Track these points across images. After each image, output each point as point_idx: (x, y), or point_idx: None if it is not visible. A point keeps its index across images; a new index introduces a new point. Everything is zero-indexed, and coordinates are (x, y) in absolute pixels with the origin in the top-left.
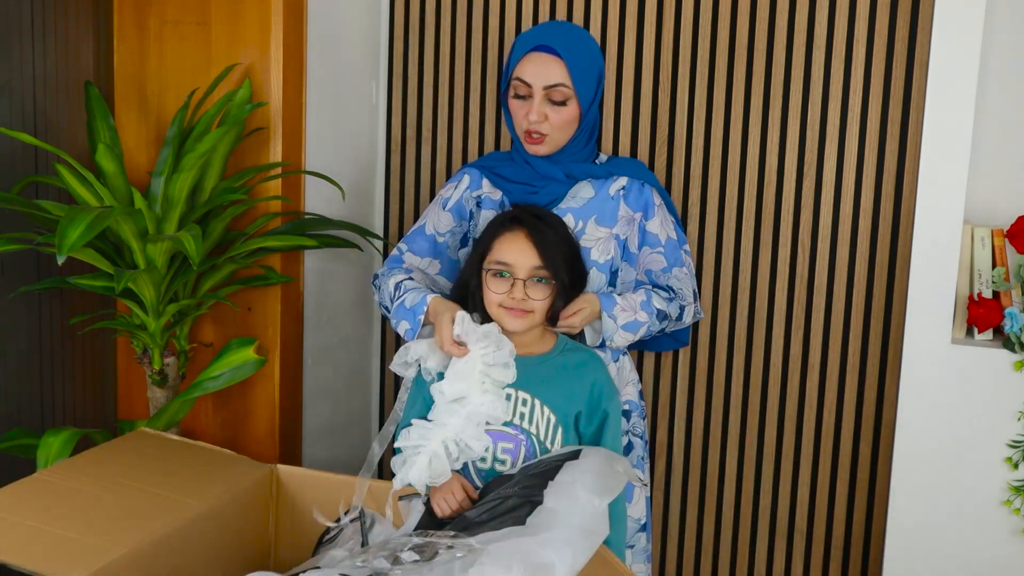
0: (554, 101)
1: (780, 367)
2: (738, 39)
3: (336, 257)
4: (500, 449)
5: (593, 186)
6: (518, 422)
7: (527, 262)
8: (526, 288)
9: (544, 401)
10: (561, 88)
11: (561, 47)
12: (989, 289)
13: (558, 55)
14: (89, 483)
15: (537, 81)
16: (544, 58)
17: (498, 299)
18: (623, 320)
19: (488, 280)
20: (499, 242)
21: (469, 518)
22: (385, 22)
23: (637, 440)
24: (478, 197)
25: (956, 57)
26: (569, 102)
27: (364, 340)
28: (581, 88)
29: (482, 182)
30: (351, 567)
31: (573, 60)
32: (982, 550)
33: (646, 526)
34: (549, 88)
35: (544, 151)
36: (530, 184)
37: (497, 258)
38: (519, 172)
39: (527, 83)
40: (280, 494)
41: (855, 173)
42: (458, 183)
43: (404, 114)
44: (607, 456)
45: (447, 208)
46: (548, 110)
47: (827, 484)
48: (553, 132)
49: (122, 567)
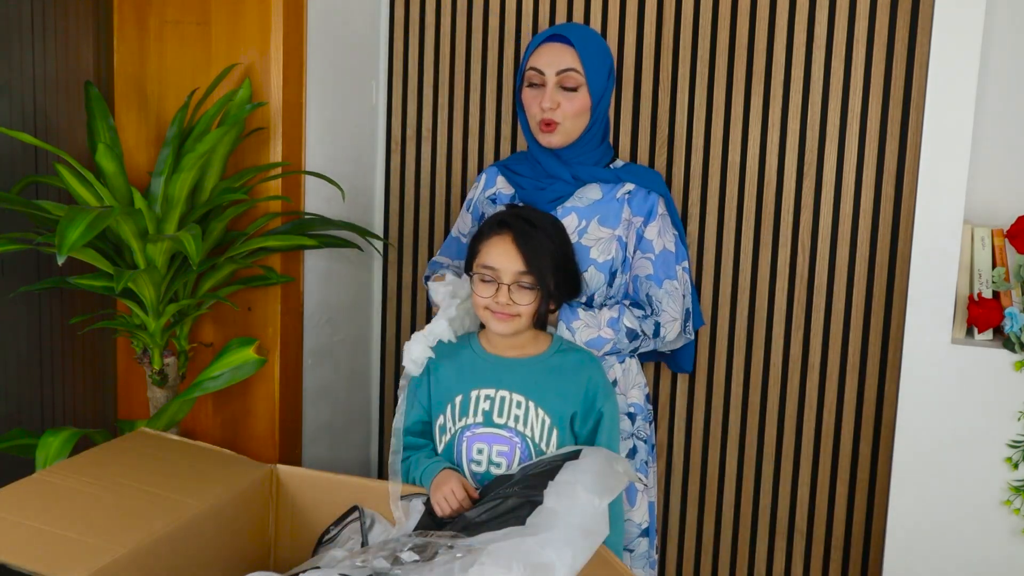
0: (566, 87)
1: (780, 367)
2: (738, 39)
3: (336, 257)
4: (495, 452)
5: (601, 189)
6: (513, 425)
7: (512, 267)
8: (511, 293)
9: (538, 403)
10: (573, 73)
11: (573, 36)
12: (989, 289)
13: (570, 43)
14: (89, 483)
15: (550, 68)
16: (557, 47)
17: (484, 303)
18: (584, 336)
19: (476, 284)
20: (486, 246)
21: (469, 518)
22: (385, 22)
23: (642, 444)
24: (493, 195)
25: (956, 57)
26: (580, 89)
27: (364, 340)
28: (592, 76)
29: (497, 179)
30: (351, 567)
31: (585, 48)
32: (982, 550)
33: (649, 531)
34: (561, 73)
35: (557, 141)
36: (538, 181)
37: (483, 262)
38: (530, 169)
39: (540, 71)
40: (280, 494)
41: (855, 173)
42: (478, 184)
43: (404, 114)
44: (607, 456)
45: (468, 210)
46: (560, 97)
47: (827, 484)
48: (566, 121)
49: (122, 567)
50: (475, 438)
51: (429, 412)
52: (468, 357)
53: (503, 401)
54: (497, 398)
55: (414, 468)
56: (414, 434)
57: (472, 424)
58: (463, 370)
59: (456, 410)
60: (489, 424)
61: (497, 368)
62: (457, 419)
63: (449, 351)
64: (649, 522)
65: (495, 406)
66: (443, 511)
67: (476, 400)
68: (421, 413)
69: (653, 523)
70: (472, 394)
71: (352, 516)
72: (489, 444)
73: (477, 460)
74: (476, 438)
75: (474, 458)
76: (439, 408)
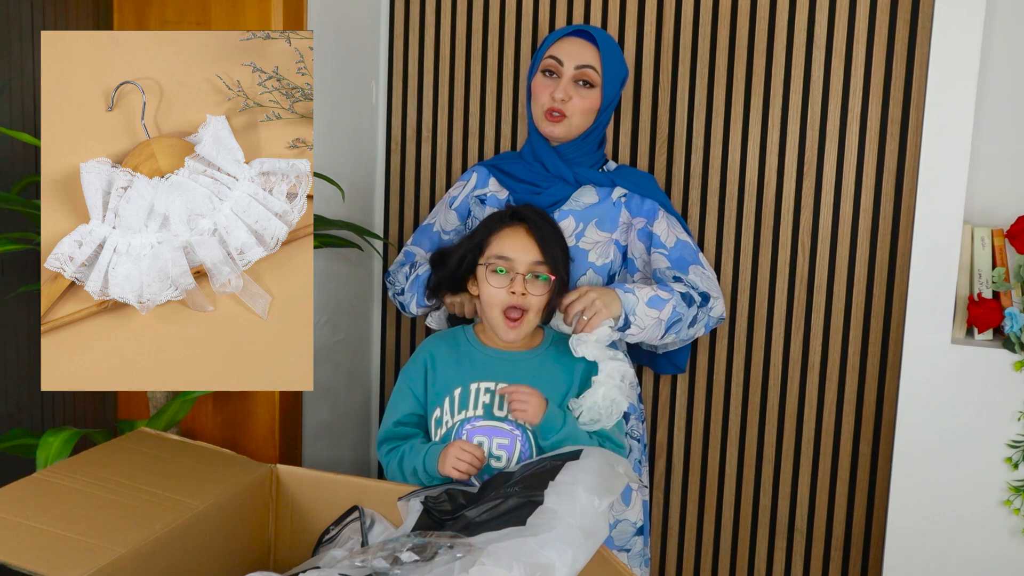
0: (581, 83)
1: (780, 367)
2: (738, 39)
3: (336, 257)
4: (496, 445)
5: (597, 192)
6: (513, 418)
7: (527, 257)
8: (526, 283)
9: None
10: (591, 71)
11: (598, 36)
12: (989, 289)
13: (594, 43)
14: (89, 483)
15: (570, 60)
16: (581, 42)
17: (499, 295)
18: (645, 296)
19: (488, 277)
20: (498, 237)
21: (469, 518)
22: (385, 22)
23: (635, 443)
24: (483, 196)
25: (956, 57)
26: (595, 88)
27: (364, 340)
28: (608, 79)
29: (489, 180)
30: (350, 567)
31: (608, 51)
32: (982, 550)
33: (643, 529)
34: (580, 68)
35: (560, 132)
36: (535, 184)
37: (496, 252)
38: (526, 171)
39: (560, 60)
40: (280, 494)
41: (855, 173)
42: (467, 182)
43: (404, 114)
44: (608, 456)
45: (454, 207)
46: (573, 92)
47: (827, 484)
48: (574, 116)
49: (122, 567)
50: (475, 431)
51: (424, 405)
52: (466, 350)
53: (503, 397)
54: (497, 391)
55: (409, 456)
56: (405, 425)
57: (472, 417)
58: (462, 363)
59: (455, 403)
60: (489, 417)
61: (497, 361)
62: (456, 412)
63: (447, 344)
64: (644, 521)
65: (495, 399)
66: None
67: (476, 393)
68: (416, 406)
69: (647, 522)
70: (472, 387)
71: (352, 516)
72: (489, 437)
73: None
74: (476, 431)
75: None
76: (437, 401)
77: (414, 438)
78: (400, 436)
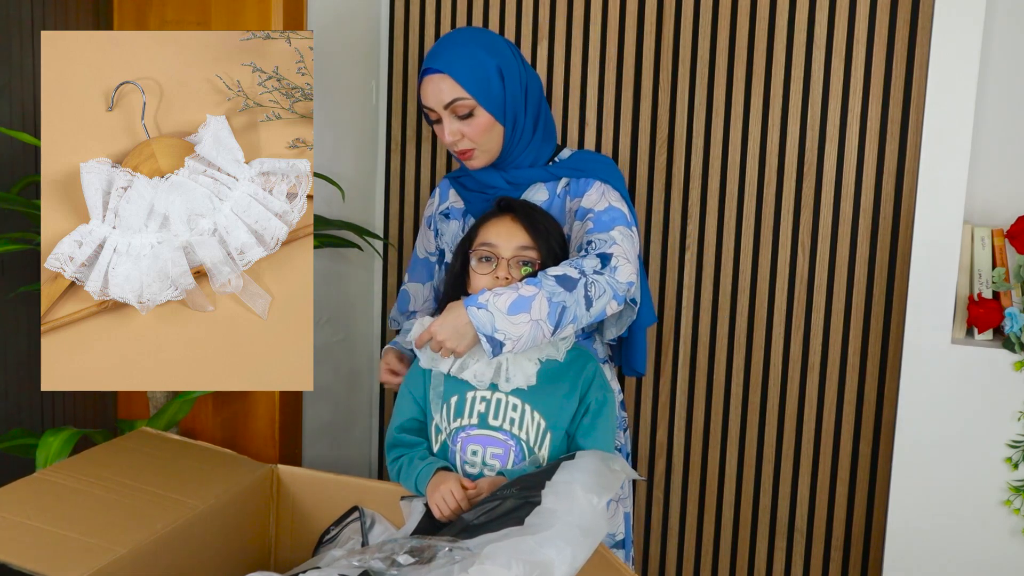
0: (460, 116)
1: (780, 367)
2: (738, 39)
3: (336, 257)
4: (490, 454)
5: (546, 188)
6: (508, 427)
7: (511, 242)
8: (510, 268)
9: (534, 406)
10: (459, 103)
11: (443, 64)
12: (989, 289)
13: (442, 72)
14: (89, 483)
15: (437, 104)
16: (434, 79)
17: (485, 281)
18: (502, 304)
19: (475, 265)
20: (484, 227)
21: (467, 520)
22: (385, 22)
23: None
24: (446, 210)
25: (956, 57)
26: (475, 111)
27: (364, 340)
28: (480, 94)
29: (449, 193)
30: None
31: (459, 72)
32: (982, 550)
33: (624, 543)
34: (449, 106)
35: (480, 163)
36: (482, 192)
37: (482, 240)
38: (474, 180)
39: (430, 107)
40: (280, 494)
41: (855, 173)
42: (433, 199)
43: (404, 114)
44: (603, 455)
45: (429, 227)
46: (460, 126)
47: (827, 484)
48: (477, 144)
49: (122, 567)
50: (470, 439)
51: (424, 411)
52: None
53: (499, 403)
54: (493, 400)
55: (406, 470)
56: (408, 431)
57: (467, 425)
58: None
59: (451, 411)
60: (484, 426)
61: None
62: (452, 420)
63: None
64: (625, 534)
65: (491, 408)
66: (442, 513)
67: (472, 401)
68: (417, 411)
69: (629, 535)
70: (468, 395)
71: (352, 516)
72: (484, 446)
73: (471, 462)
74: (471, 440)
75: (468, 459)
76: (435, 408)
77: (419, 447)
78: (405, 444)
